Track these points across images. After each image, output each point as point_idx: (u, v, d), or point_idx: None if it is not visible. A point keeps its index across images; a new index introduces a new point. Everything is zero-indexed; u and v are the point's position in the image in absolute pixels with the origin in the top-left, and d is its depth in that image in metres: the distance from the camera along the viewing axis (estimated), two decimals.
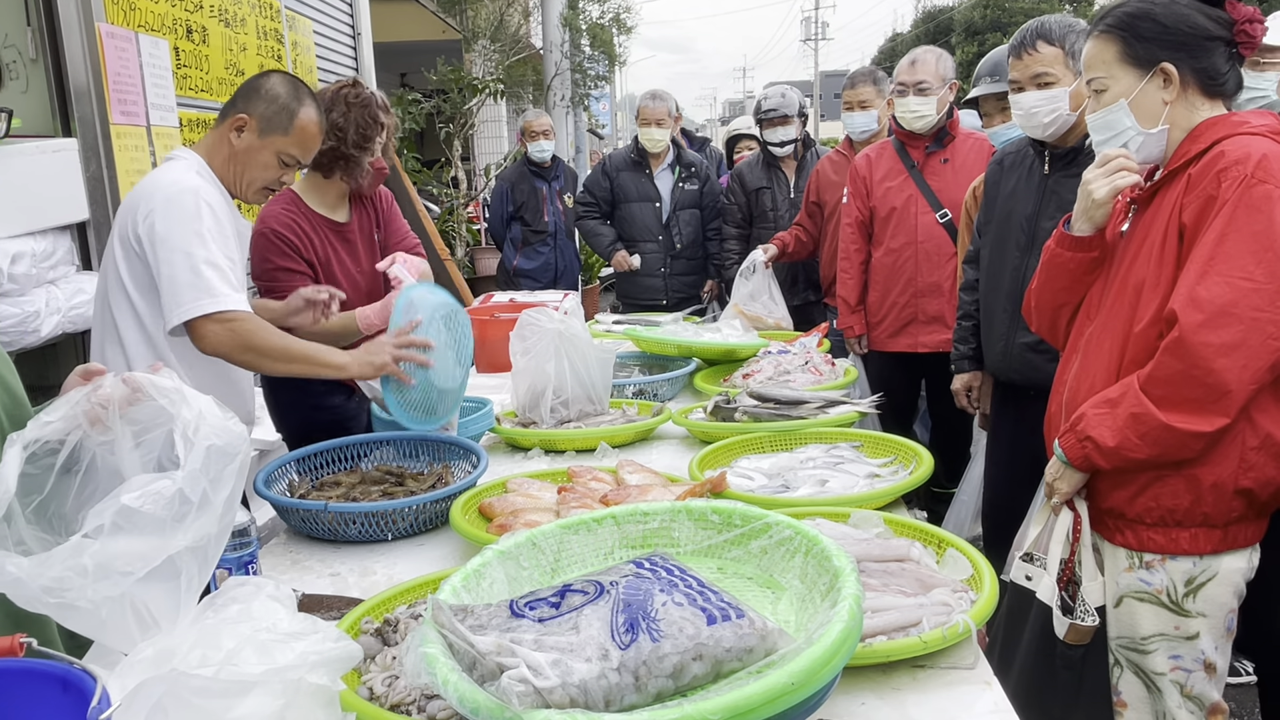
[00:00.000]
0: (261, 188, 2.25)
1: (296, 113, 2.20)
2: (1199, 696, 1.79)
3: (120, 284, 2.15)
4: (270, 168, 2.22)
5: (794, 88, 4.43)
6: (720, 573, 1.34)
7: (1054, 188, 2.53)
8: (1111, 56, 1.80)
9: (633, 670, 1.00)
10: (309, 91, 2.27)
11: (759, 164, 4.50)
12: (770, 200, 4.44)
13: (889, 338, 3.55)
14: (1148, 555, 1.78)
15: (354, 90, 2.59)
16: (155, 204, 2.07)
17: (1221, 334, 1.61)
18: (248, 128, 2.19)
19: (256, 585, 1.25)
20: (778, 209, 4.41)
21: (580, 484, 2.10)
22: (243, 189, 2.24)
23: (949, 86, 3.39)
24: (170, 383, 1.16)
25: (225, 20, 4.67)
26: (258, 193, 2.26)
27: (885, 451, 2.26)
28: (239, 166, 2.21)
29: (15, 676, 0.98)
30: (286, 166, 2.24)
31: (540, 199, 5.81)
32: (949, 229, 3.38)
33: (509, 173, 6.14)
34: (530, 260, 5.86)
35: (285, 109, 2.19)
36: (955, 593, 1.49)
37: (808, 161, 4.41)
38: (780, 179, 4.42)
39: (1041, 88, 2.43)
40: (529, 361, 2.62)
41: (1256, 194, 1.62)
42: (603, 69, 12.33)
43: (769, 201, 4.44)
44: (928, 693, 1.33)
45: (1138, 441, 1.70)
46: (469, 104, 8.09)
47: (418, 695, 1.26)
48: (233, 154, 2.20)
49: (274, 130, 2.19)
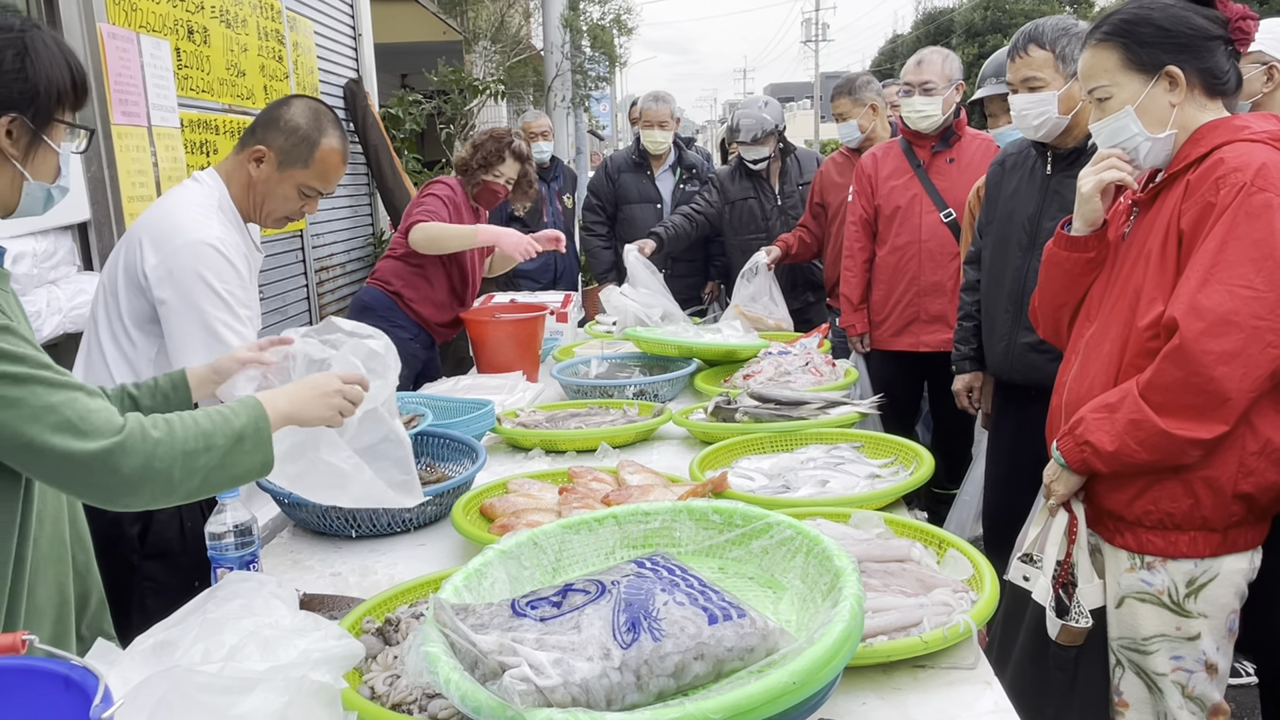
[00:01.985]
0: (281, 217, 2.18)
1: (317, 144, 2.12)
2: (1200, 697, 1.79)
3: (118, 313, 2.05)
4: (290, 200, 2.15)
5: (767, 102, 4.25)
6: (721, 572, 1.35)
7: (1056, 188, 2.53)
8: (1113, 64, 1.79)
9: (634, 669, 1.00)
10: (332, 119, 2.18)
11: (739, 174, 4.36)
12: (759, 209, 4.34)
13: (891, 337, 3.55)
14: (1148, 556, 1.78)
15: (505, 132, 3.57)
16: (174, 249, 1.97)
17: (1222, 342, 1.60)
18: (266, 159, 2.10)
19: (259, 581, 1.26)
20: (768, 218, 4.32)
21: (581, 484, 2.10)
22: (261, 217, 2.17)
23: (955, 87, 3.39)
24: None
25: (226, 21, 4.68)
26: (277, 221, 2.19)
27: (886, 452, 2.26)
28: (258, 197, 2.14)
29: (17, 674, 0.98)
30: (307, 198, 2.16)
31: (539, 200, 5.81)
32: (953, 229, 3.39)
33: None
34: (530, 261, 5.84)
35: (305, 140, 2.11)
36: (956, 593, 1.49)
37: (789, 167, 4.33)
38: (764, 188, 4.34)
39: (1031, 91, 2.44)
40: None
41: (1256, 202, 1.62)
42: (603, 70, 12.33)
43: (757, 211, 4.34)
44: (928, 693, 1.33)
45: (1136, 447, 1.70)
46: (470, 105, 8.09)
47: (419, 694, 1.26)
48: (251, 184, 2.13)
49: (293, 163, 2.11)
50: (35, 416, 1.19)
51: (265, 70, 5.18)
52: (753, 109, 4.20)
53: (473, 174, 3.56)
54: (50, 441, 1.20)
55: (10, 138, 1.29)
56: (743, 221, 4.38)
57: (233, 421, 1.36)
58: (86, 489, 1.26)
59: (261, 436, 1.39)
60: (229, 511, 1.53)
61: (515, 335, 3.29)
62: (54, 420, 1.20)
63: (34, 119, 1.30)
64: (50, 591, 1.38)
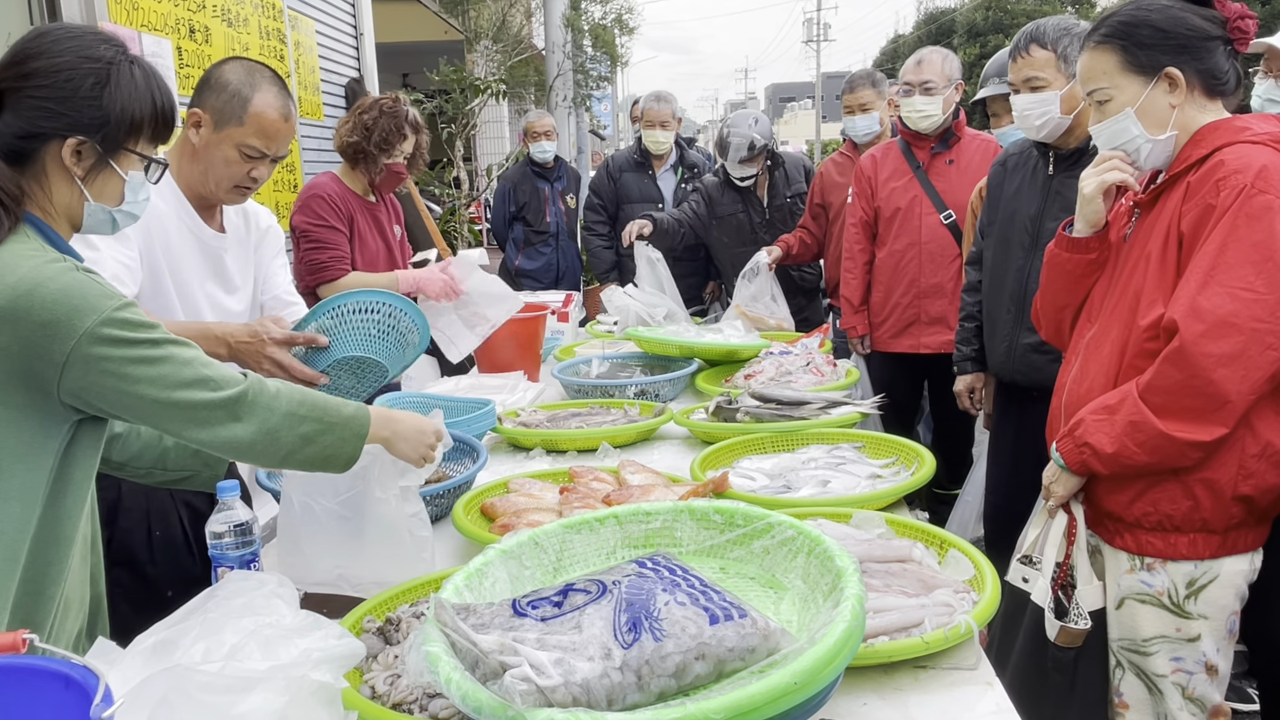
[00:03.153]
0: (233, 187, 2.07)
1: (249, 99, 2.02)
2: (1200, 698, 1.78)
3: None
4: (234, 163, 2.03)
5: (757, 120, 4.11)
6: (723, 572, 1.35)
7: (1058, 188, 2.53)
8: (1112, 66, 1.78)
9: (635, 669, 1.00)
10: (270, 77, 2.08)
11: (726, 187, 4.28)
12: (747, 223, 4.28)
13: (892, 338, 3.55)
14: (1148, 558, 1.78)
15: (392, 102, 3.03)
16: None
17: (1222, 344, 1.60)
18: (204, 123, 2.02)
19: (260, 580, 1.26)
20: (756, 231, 4.26)
21: (582, 484, 2.10)
22: (212, 188, 2.07)
23: (955, 87, 3.38)
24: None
25: (228, 20, 4.68)
26: (230, 193, 2.08)
27: (887, 452, 2.26)
28: (202, 165, 2.05)
29: (17, 674, 0.98)
30: (252, 160, 2.04)
31: (542, 200, 5.81)
32: (953, 230, 3.38)
33: (511, 173, 6.14)
34: (532, 261, 5.86)
35: (236, 96, 2.01)
36: (957, 593, 1.49)
37: (777, 180, 4.27)
38: (752, 201, 4.28)
39: (1033, 91, 2.44)
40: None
41: (1256, 204, 1.61)
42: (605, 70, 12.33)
43: (745, 225, 4.28)
44: (930, 693, 1.33)
45: (1135, 449, 1.70)
46: (471, 104, 8.09)
47: (420, 694, 1.26)
48: (194, 153, 2.05)
49: (228, 122, 2.01)
50: (176, 373, 1.32)
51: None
52: (741, 126, 4.07)
53: (371, 160, 3.01)
54: (189, 396, 1.33)
55: (78, 158, 1.36)
56: (731, 235, 4.31)
57: (343, 408, 1.48)
58: (208, 439, 1.36)
59: (362, 432, 1.50)
60: (229, 511, 1.53)
61: (516, 335, 3.29)
62: (190, 375, 1.33)
63: (103, 144, 1.37)
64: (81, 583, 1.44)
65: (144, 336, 1.31)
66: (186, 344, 1.37)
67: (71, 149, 1.35)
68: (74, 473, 1.36)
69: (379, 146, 2.98)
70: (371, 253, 3.07)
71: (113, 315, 1.27)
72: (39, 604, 1.33)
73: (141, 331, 1.31)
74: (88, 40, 1.38)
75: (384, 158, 3.00)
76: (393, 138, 2.99)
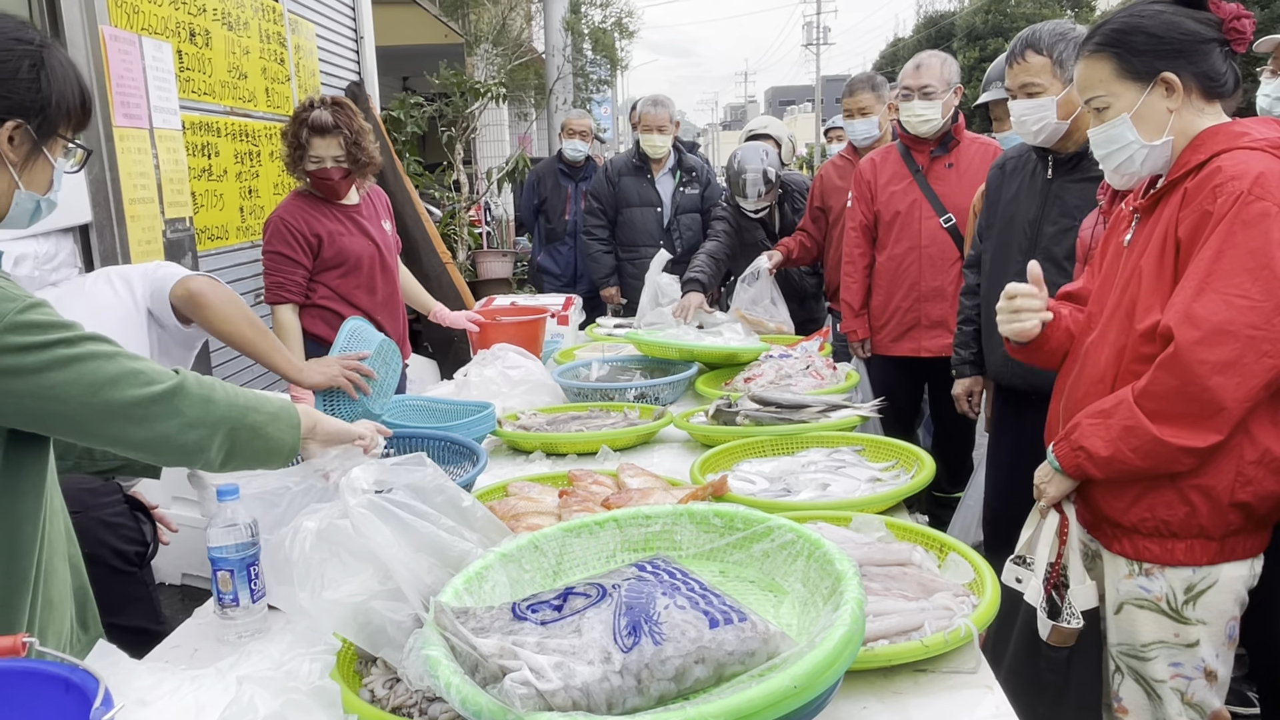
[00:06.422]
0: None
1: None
2: (1199, 704, 1.78)
3: None
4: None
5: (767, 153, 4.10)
6: (722, 576, 1.35)
7: (1057, 192, 2.53)
8: (1108, 74, 1.78)
9: (635, 673, 1.00)
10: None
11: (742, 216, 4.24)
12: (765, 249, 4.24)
13: (892, 342, 3.55)
14: (1146, 563, 1.78)
15: (306, 108, 3.02)
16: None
17: (1217, 351, 1.60)
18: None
19: None
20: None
21: (581, 487, 2.10)
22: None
23: (954, 91, 3.39)
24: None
25: (228, 24, 4.68)
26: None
27: (887, 455, 2.26)
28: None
29: (17, 677, 0.98)
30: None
31: (563, 197, 5.77)
32: (953, 234, 3.38)
33: (542, 166, 6.10)
34: (552, 260, 5.83)
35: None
36: (957, 597, 1.49)
37: (786, 211, 4.28)
38: (768, 228, 4.28)
39: (1030, 96, 2.44)
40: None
41: (1253, 211, 1.61)
42: (605, 73, 12.35)
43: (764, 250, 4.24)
44: (929, 697, 1.33)
45: (1130, 453, 1.70)
46: (471, 108, 8.10)
47: (420, 698, 1.25)
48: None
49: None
50: (99, 370, 1.23)
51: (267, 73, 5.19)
52: (754, 161, 4.05)
53: (297, 168, 3.06)
54: (120, 394, 1.24)
55: (11, 144, 1.31)
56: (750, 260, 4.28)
57: (269, 398, 1.46)
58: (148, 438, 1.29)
59: (295, 420, 1.47)
60: (229, 511, 1.53)
61: (516, 338, 3.29)
62: (115, 370, 1.25)
63: (38, 130, 1.32)
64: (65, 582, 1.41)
65: (55, 337, 1.20)
66: (107, 340, 1.27)
67: (8, 133, 1.28)
68: (20, 483, 1.28)
69: (295, 155, 3.03)
70: (355, 254, 3.17)
71: (15, 320, 1.17)
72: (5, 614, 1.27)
73: (53, 333, 1.20)
74: (13, 23, 1.32)
75: (306, 165, 3.02)
76: (303, 143, 2.98)
